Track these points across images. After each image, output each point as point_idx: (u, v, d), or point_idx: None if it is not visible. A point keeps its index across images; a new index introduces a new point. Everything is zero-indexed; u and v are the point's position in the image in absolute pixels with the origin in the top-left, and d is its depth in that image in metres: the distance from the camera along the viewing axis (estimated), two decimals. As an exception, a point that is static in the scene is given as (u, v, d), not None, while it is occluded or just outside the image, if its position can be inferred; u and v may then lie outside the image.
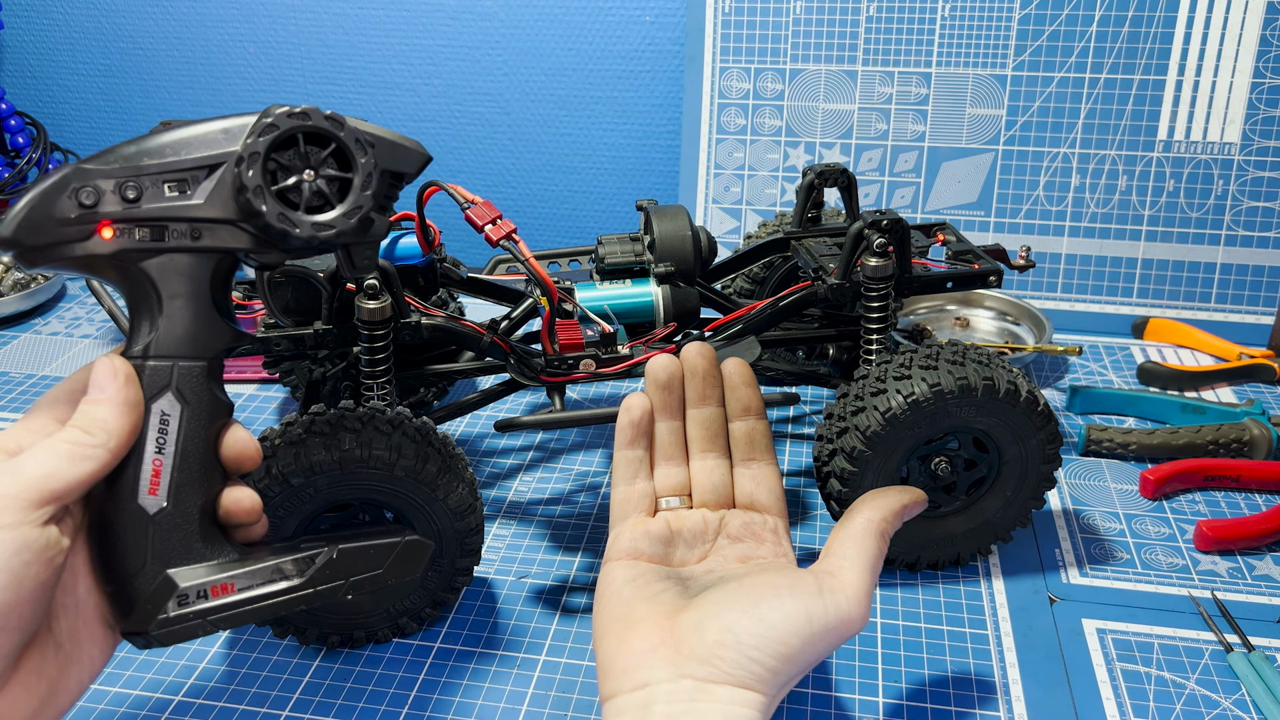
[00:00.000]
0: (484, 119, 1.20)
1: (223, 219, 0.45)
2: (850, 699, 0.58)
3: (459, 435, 0.85)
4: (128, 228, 0.43)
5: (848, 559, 0.50)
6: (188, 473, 0.45)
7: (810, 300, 0.70)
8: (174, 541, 0.45)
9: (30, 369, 0.97)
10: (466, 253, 1.06)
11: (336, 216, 0.46)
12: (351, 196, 0.46)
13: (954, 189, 1.02)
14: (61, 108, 1.30)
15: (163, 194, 0.44)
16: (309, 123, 0.45)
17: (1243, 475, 0.76)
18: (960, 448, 0.64)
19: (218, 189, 0.44)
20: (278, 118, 0.44)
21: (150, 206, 0.44)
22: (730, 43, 1.03)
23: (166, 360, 0.45)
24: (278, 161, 0.45)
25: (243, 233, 0.45)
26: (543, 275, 0.62)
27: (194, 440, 0.45)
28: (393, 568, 0.50)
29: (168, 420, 0.45)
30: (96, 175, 0.43)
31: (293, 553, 0.48)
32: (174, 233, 0.44)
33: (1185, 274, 0.99)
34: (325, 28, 1.18)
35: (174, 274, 0.45)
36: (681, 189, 1.08)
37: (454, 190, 0.62)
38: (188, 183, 0.44)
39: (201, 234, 0.45)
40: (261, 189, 0.44)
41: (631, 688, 0.46)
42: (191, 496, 0.45)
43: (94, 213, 0.43)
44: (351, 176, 0.46)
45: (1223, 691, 0.59)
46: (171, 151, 0.44)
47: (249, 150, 0.44)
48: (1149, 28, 0.95)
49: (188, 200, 0.44)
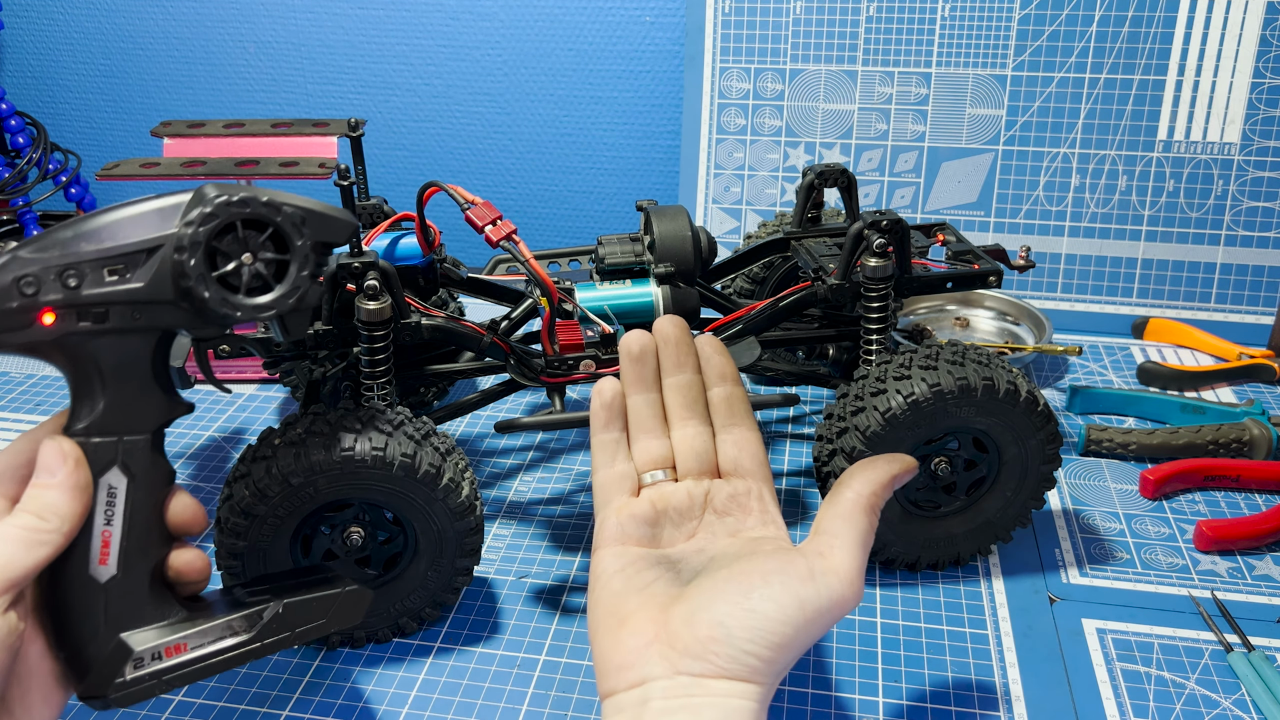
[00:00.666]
0: (484, 119, 1.20)
1: (163, 300, 0.46)
2: (850, 699, 0.58)
3: (459, 435, 0.85)
4: (69, 313, 0.44)
5: (838, 537, 0.49)
6: (136, 541, 0.47)
7: (810, 300, 0.70)
8: (126, 607, 0.47)
9: (30, 369, 0.97)
10: (466, 253, 1.06)
11: (276, 298, 0.47)
12: (289, 278, 0.48)
13: (954, 189, 1.02)
14: (61, 108, 1.30)
15: (103, 279, 0.45)
16: (247, 211, 0.46)
17: (1243, 475, 0.76)
18: (960, 448, 0.64)
19: (158, 272, 0.45)
20: (217, 207, 0.45)
21: (91, 292, 0.45)
22: (730, 43, 1.03)
23: (111, 436, 0.46)
24: (216, 247, 0.46)
25: (182, 311, 0.46)
26: (543, 275, 0.62)
27: (140, 510, 0.47)
28: (335, 617, 0.52)
29: (115, 493, 0.46)
30: (36, 264, 0.44)
31: (240, 608, 0.49)
32: (115, 315, 0.45)
33: (1185, 274, 0.99)
34: (325, 28, 1.18)
35: (115, 354, 0.46)
36: (681, 189, 1.08)
37: (454, 191, 0.62)
38: (127, 267, 0.45)
39: (142, 314, 0.46)
40: (204, 277, 0.45)
41: (628, 685, 0.46)
42: (141, 563, 0.47)
43: (35, 301, 0.44)
44: (288, 258, 0.48)
45: (1223, 691, 0.59)
46: (109, 236, 0.45)
47: (190, 240, 0.45)
48: (1149, 28, 0.95)
49: (128, 285, 0.45)
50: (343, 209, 0.51)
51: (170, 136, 0.78)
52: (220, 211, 0.45)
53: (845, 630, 0.63)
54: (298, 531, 0.58)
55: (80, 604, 0.46)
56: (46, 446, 0.45)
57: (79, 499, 0.45)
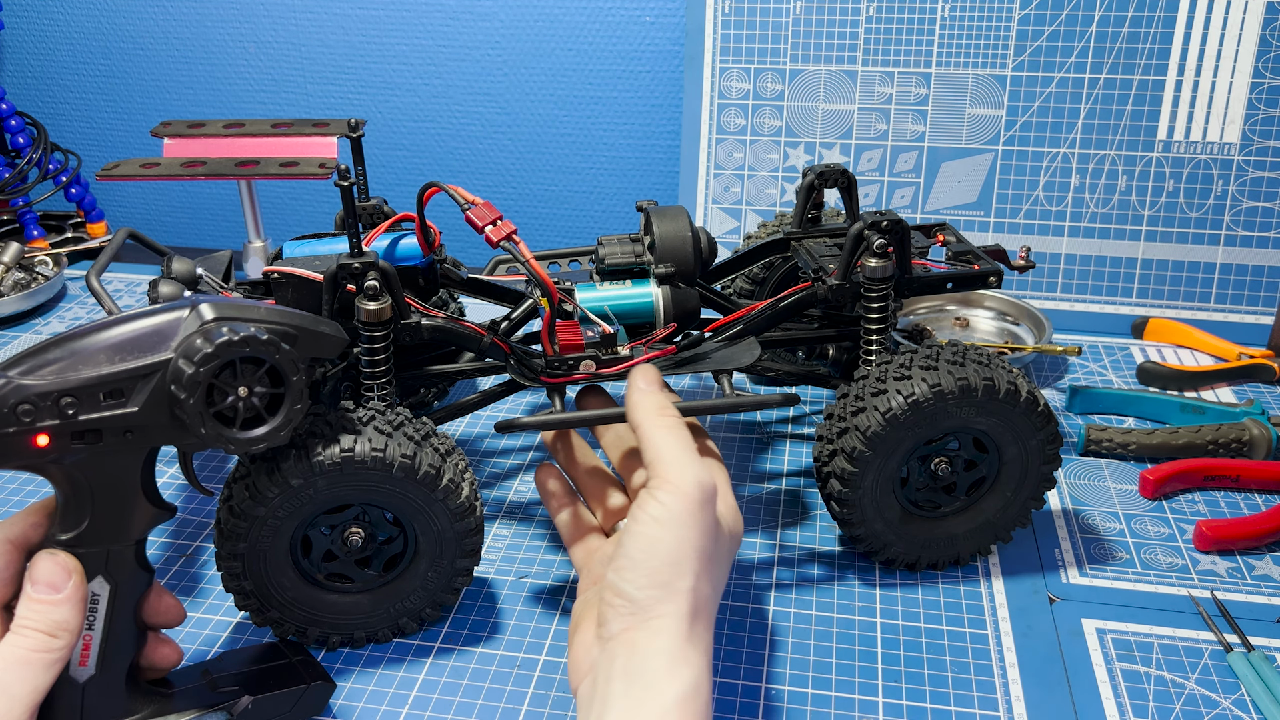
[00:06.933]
0: (484, 119, 1.20)
1: (156, 424, 0.47)
2: (850, 699, 0.58)
3: (459, 435, 0.85)
4: (64, 436, 0.45)
5: (658, 458, 0.53)
6: (114, 642, 0.49)
7: (810, 301, 0.70)
8: (103, 703, 0.49)
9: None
10: (466, 253, 1.06)
11: (268, 432, 0.49)
12: (283, 412, 0.49)
13: (954, 189, 1.02)
14: (61, 108, 1.30)
15: (99, 403, 0.46)
16: (247, 350, 0.47)
17: (1242, 475, 0.76)
18: (960, 448, 0.64)
19: (152, 396, 0.46)
20: (218, 348, 0.46)
21: (87, 417, 0.45)
22: (730, 43, 1.03)
23: (99, 547, 0.48)
24: (213, 383, 0.47)
25: (172, 428, 0.47)
26: (543, 276, 0.62)
27: (120, 614, 0.49)
28: (299, 710, 0.54)
29: (97, 600, 0.48)
30: (32, 390, 0.44)
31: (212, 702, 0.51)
32: (109, 436, 0.46)
33: (1185, 274, 0.99)
34: (325, 28, 1.18)
35: (107, 471, 0.47)
36: (681, 189, 1.08)
37: (454, 191, 0.62)
38: (123, 392, 0.46)
39: (135, 435, 0.47)
40: (201, 415, 0.47)
41: (583, 676, 0.51)
42: (118, 661, 0.49)
43: (31, 427, 0.45)
44: (283, 391, 0.49)
45: (1222, 691, 0.59)
46: (106, 360, 0.46)
47: (189, 381, 0.46)
48: (1149, 28, 0.95)
49: (124, 409, 0.46)
50: (333, 323, 0.53)
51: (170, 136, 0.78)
52: (221, 352, 0.46)
53: (845, 630, 0.63)
54: (298, 532, 0.58)
55: (60, 705, 0.48)
56: (46, 561, 0.46)
57: (82, 612, 0.47)
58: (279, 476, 0.55)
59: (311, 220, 1.30)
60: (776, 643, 0.62)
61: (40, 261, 1.15)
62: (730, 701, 0.58)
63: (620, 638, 0.50)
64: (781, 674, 0.60)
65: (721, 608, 0.65)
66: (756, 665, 0.61)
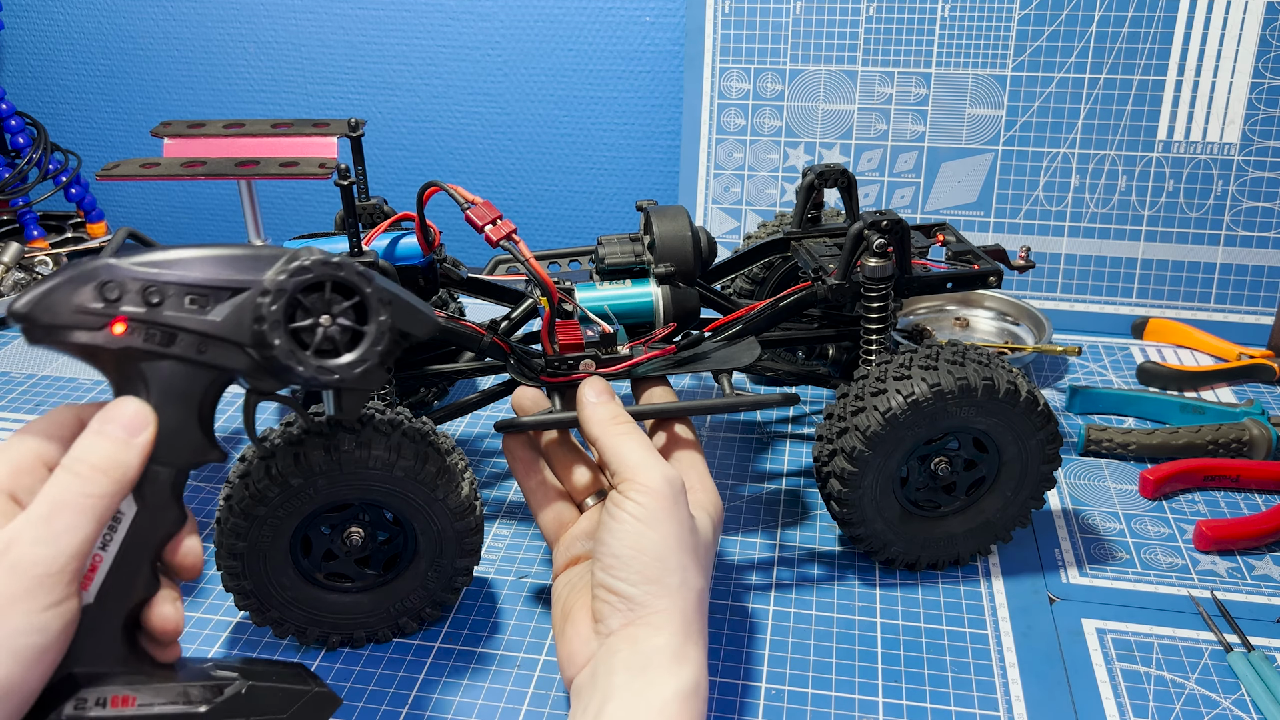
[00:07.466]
0: (484, 119, 1.20)
1: (232, 340, 0.46)
2: (850, 699, 0.58)
3: (459, 435, 0.85)
4: (139, 328, 0.44)
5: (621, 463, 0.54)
6: (122, 576, 0.45)
7: (810, 301, 0.70)
8: (89, 641, 0.44)
9: (30, 369, 0.97)
10: (466, 253, 1.06)
11: (342, 365, 0.47)
12: (361, 348, 0.48)
13: (954, 189, 1.02)
14: (61, 108, 1.30)
15: (182, 305, 0.45)
16: (340, 274, 0.47)
17: (1242, 475, 0.76)
18: (960, 448, 0.64)
19: (235, 312, 0.46)
20: (313, 264, 0.46)
21: (168, 314, 0.45)
22: (730, 43, 1.03)
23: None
24: (300, 301, 0.46)
25: (246, 356, 0.46)
26: (543, 275, 0.62)
27: (137, 545, 0.45)
28: (297, 715, 0.49)
29: (120, 519, 0.45)
30: (125, 274, 0.44)
31: (204, 679, 0.47)
32: (181, 342, 0.45)
33: (1185, 274, 0.99)
34: (325, 28, 1.18)
35: (169, 380, 0.46)
36: (681, 189, 1.08)
37: (454, 190, 0.62)
38: (209, 299, 0.45)
39: (207, 349, 0.46)
40: (279, 324, 0.46)
41: (579, 668, 0.52)
42: (119, 600, 0.45)
43: (114, 308, 0.44)
44: (365, 330, 0.48)
45: (1222, 691, 0.59)
46: (199, 267, 0.45)
47: (277, 286, 0.45)
48: (1149, 28, 0.95)
49: (204, 316, 0.45)
50: (428, 304, 0.51)
51: (170, 136, 0.78)
52: (315, 269, 0.46)
53: (845, 630, 0.63)
54: (297, 532, 0.58)
55: None
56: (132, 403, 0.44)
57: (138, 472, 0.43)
58: (279, 476, 0.55)
59: (311, 220, 1.30)
60: (777, 643, 0.62)
61: (40, 261, 1.15)
62: (730, 701, 0.58)
63: (620, 633, 0.50)
64: (781, 674, 0.60)
65: (722, 608, 0.65)
66: (756, 665, 0.61)
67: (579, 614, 0.54)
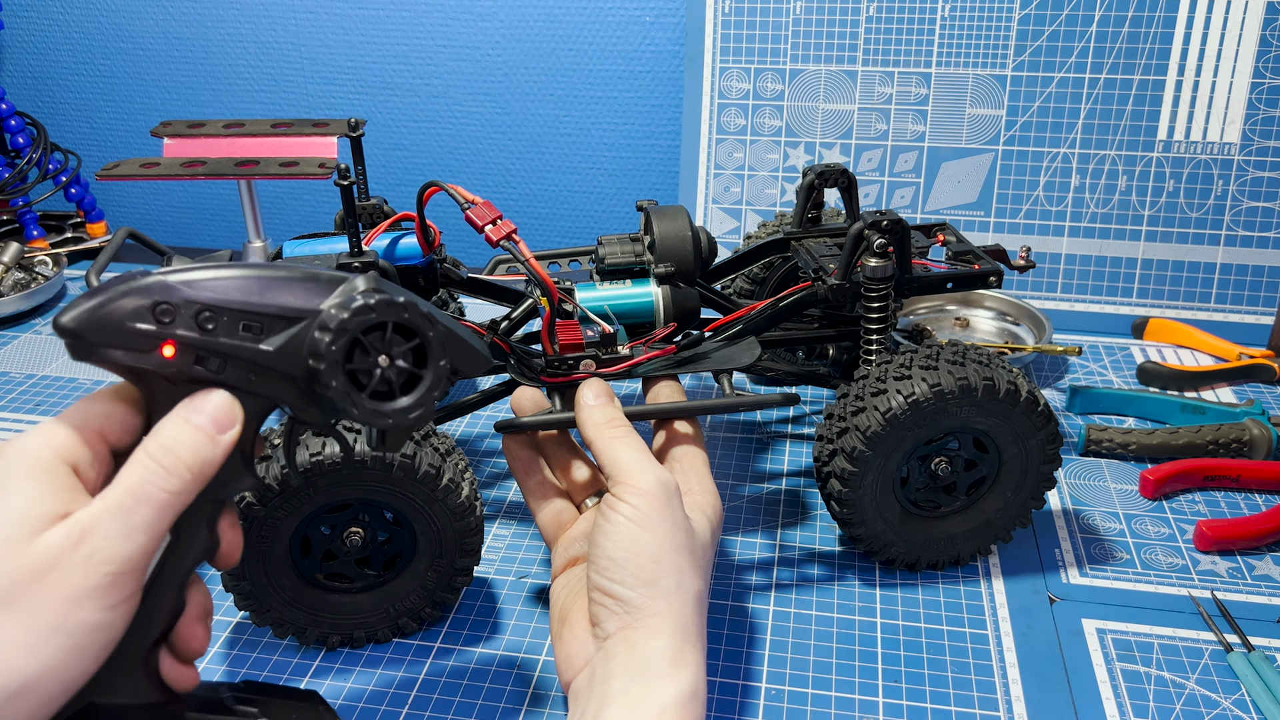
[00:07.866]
0: (484, 119, 1.20)
1: (284, 372, 0.43)
2: (850, 699, 0.58)
3: (459, 435, 0.85)
4: (190, 353, 0.42)
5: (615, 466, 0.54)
6: (149, 607, 0.43)
7: (810, 301, 0.70)
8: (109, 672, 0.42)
9: (30, 369, 0.97)
10: (466, 253, 1.06)
11: (397, 410, 0.44)
12: (418, 393, 0.45)
13: (954, 189, 1.02)
14: (61, 108, 1.30)
15: (236, 332, 0.42)
16: (404, 316, 0.44)
17: (1242, 475, 0.76)
18: (960, 448, 0.64)
19: (290, 343, 0.43)
20: (378, 304, 0.43)
21: (222, 340, 0.42)
22: (730, 43, 1.03)
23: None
24: (360, 340, 0.43)
25: (296, 389, 0.44)
26: (543, 275, 0.62)
27: (169, 577, 0.43)
28: None
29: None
30: (180, 295, 0.42)
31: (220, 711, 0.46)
32: (232, 370, 0.43)
33: (1185, 274, 0.99)
34: (325, 28, 1.18)
35: None
36: (681, 189, 1.08)
37: (454, 190, 0.62)
38: (264, 328, 0.43)
39: (256, 378, 0.43)
40: (337, 365, 0.43)
41: (577, 671, 0.52)
42: (143, 632, 0.43)
43: (166, 330, 0.42)
44: (423, 374, 0.45)
45: (1223, 691, 0.59)
46: (256, 292, 0.43)
47: (338, 325, 0.42)
48: (1149, 28, 0.95)
49: (257, 345, 0.43)
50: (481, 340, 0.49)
51: (170, 136, 0.78)
52: (380, 310, 0.43)
53: (845, 630, 0.63)
54: (297, 532, 0.58)
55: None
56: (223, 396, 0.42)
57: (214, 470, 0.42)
58: (278, 476, 0.55)
59: (311, 220, 1.30)
60: (777, 643, 0.62)
61: (40, 261, 1.15)
62: (730, 701, 0.58)
63: (617, 636, 0.50)
64: (781, 674, 0.60)
65: (722, 608, 0.65)
66: (756, 665, 0.61)
67: (576, 617, 0.54)
